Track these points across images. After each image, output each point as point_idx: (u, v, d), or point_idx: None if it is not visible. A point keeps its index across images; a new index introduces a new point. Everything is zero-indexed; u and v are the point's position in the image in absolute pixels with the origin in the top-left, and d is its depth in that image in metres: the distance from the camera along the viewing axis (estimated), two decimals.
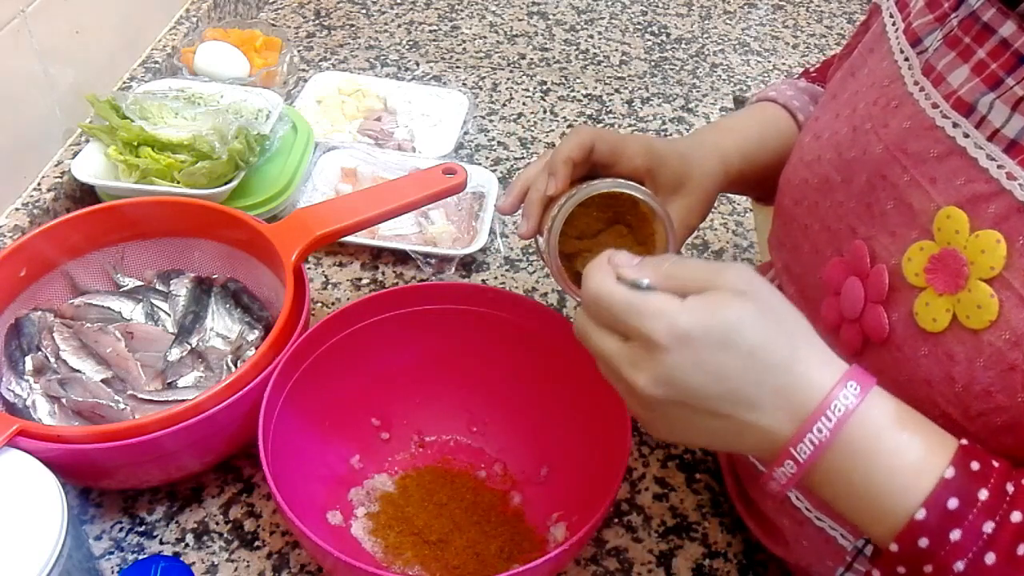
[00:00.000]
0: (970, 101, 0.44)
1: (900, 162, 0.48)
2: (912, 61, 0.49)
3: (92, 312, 0.74)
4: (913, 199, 0.46)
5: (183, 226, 0.78)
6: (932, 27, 0.48)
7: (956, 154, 0.44)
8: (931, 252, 0.45)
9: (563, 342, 0.67)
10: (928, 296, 0.45)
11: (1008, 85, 0.42)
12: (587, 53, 1.27)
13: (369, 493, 0.69)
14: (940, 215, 0.44)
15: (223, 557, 0.65)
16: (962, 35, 0.45)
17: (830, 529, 0.56)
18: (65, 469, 0.58)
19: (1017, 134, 0.42)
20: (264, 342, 0.64)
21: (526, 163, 1.05)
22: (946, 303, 0.44)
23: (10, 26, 0.82)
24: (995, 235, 0.42)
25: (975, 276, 0.42)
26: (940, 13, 0.48)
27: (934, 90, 0.46)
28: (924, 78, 0.47)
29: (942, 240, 0.44)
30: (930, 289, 0.45)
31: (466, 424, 0.74)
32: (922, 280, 0.45)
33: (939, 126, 0.45)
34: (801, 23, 1.41)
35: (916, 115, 0.47)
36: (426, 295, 0.70)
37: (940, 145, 0.45)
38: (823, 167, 0.54)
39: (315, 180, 0.96)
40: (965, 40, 0.45)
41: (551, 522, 0.66)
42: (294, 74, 1.15)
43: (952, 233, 0.44)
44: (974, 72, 0.44)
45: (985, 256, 0.42)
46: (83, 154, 0.87)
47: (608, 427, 0.62)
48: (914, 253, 0.46)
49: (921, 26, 0.49)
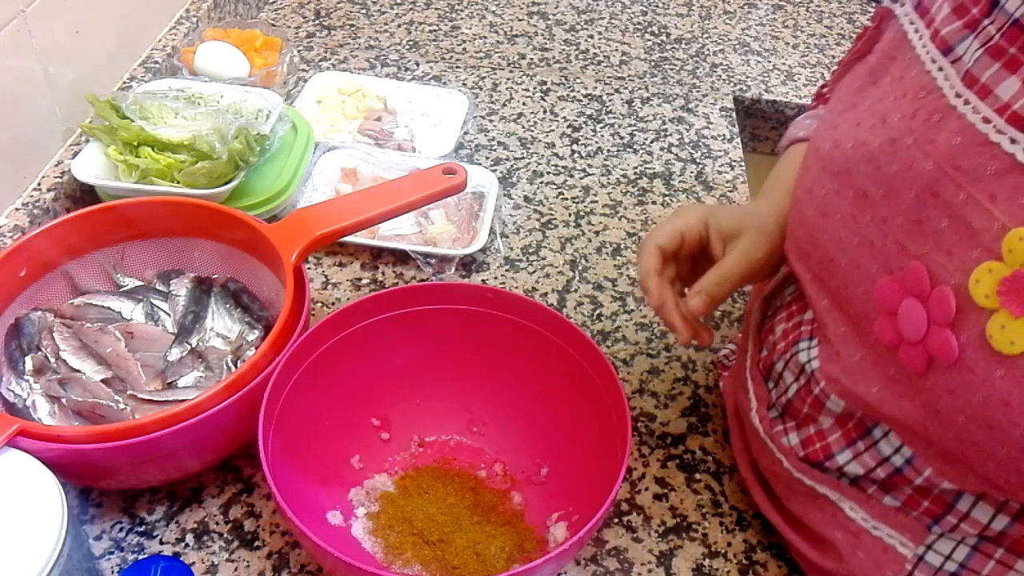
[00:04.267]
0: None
1: (953, 179, 0.46)
2: (948, 71, 0.47)
3: (92, 312, 0.74)
4: (972, 217, 0.45)
5: (183, 226, 0.78)
6: (963, 34, 0.47)
7: (1017, 171, 0.43)
8: (1002, 274, 0.43)
9: (563, 342, 0.68)
10: (1003, 318, 0.43)
11: None
12: (587, 53, 1.27)
13: (369, 493, 0.69)
14: (1012, 236, 0.43)
15: (223, 557, 0.65)
16: (1007, 45, 0.44)
17: (888, 538, 0.56)
18: (65, 469, 0.58)
19: None
20: (264, 342, 0.64)
21: (526, 163, 1.05)
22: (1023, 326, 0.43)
23: (10, 26, 0.82)
24: None
25: None
26: (970, 19, 0.47)
27: (982, 103, 0.45)
28: (967, 90, 0.46)
29: (1014, 262, 0.43)
30: (1004, 311, 0.43)
31: (466, 424, 0.74)
32: (994, 302, 0.44)
33: (994, 142, 0.44)
34: (801, 23, 1.41)
35: (965, 130, 0.45)
36: (426, 295, 0.70)
37: (997, 161, 0.44)
38: (857, 180, 0.52)
39: (315, 180, 0.96)
40: (1011, 50, 0.44)
41: (551, 522, 0.66)
42: (294, 74, 1.15)
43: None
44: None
45: None
46: (83, 154, 0.87)
47: (608, 427, 0.62)
48: (982, 275, 0.44)
49: (950, 33, 0.48)
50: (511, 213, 0.98)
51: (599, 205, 1.00)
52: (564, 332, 0.67)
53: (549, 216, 0.98)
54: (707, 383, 0.81)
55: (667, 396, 0.79)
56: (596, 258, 0.93)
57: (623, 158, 1.08)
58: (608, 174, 1.05)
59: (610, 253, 0.94)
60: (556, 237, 0.96)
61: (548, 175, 1.04)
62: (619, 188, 1.03)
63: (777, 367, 0.66)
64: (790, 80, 1.27)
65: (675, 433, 0.76)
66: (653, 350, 0.83)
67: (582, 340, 0.66)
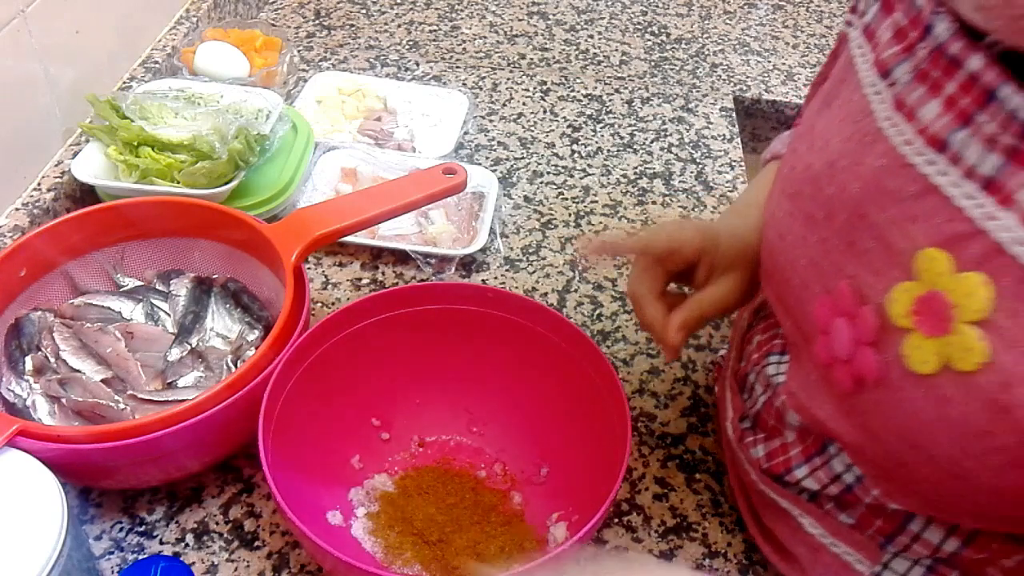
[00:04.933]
0: (944, 137, 0.43)
1: (877, 201, 0.46)
2: (884, 94, 0.47)
3: (92, 312, 0.74)
4: (893, 238, 0.45)
5: (183, 226, 0.78)
6: (901, 58, 0.47)
7: (933, 192, 0.43)
8: (916, 294, 0.44)
9: (563, 342, 0.68)
10: (916, 339, 0.44)
11: (979, 122, 0.41)
12: (587, 53, 1.27)
13: (369, 493, 0.69)
14: (922, 256, 0.43)
15: (223, 557, 0.65)
16: (930, 69, 0.44)
17: (845, 555, 0.56)
18: (65, 469, 0.58)
19: (993, 172, 0.40)
20: (264, 342, 0.64)
21: (526, 163, 1.05)
22: (935, 346, 0.43)
23: (10, 26, 0.82)
24: (979, 276, 0.40)
25: (962, 319, 0.41)
26: (907, 43, 0.47)
27: (907, 125, 0.45)
28: (896, 113, 0.46)
29: (926, 282, 0.43)
30: (918, 332, 0.44)
31: (466, 424, 0.74)
32: (909, 322, 0.44)
33: (912, 163, 0.44)
34: (801, 23, 1.41)
35: (889, 152, 0.46)
36: (426, 295, 0.70)
37: (916, 183, 0.44)
38: (804, 202, 0.53)
39: (315, 180, 0.96)
40: (934, 74, 0.44)
41: (551, 522, 0.66)
42: (294, 74, 1.15)
43: (936, 275, 0.43)
44: (945, 107, 0.43)
45: (971, 299, 0.41)
46: (83, 154, 0.87)
47: (608, 427, 0.62)
48: (898, 295, 0.45)
49: (890, 57, 0.48)
50: (511, 213, 0.98)
51: (599, 205, 1.00)
52: (564, 332, 0.67)
53: (549, 216, 0.98)
54: (707, 383, 0.81)
55: (667, 396, 0.79)
56: (596, 258, 0.93)
57: (623, 158, 1.08)
58: (608, 174, 1.05)
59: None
60: (556, 237, 0.96)
61: (548, 175, 1.04)
62: (619, 188, 1.03)
63: (750, 378, 0.67)
64: (790, 80, 1.27)
65: (675, 433, 0.76)
66: (653, 350, 0.83)
67: (582, 340, 0.66)
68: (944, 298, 0.42)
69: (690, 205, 1.02)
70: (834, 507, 0.57)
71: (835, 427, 0.52)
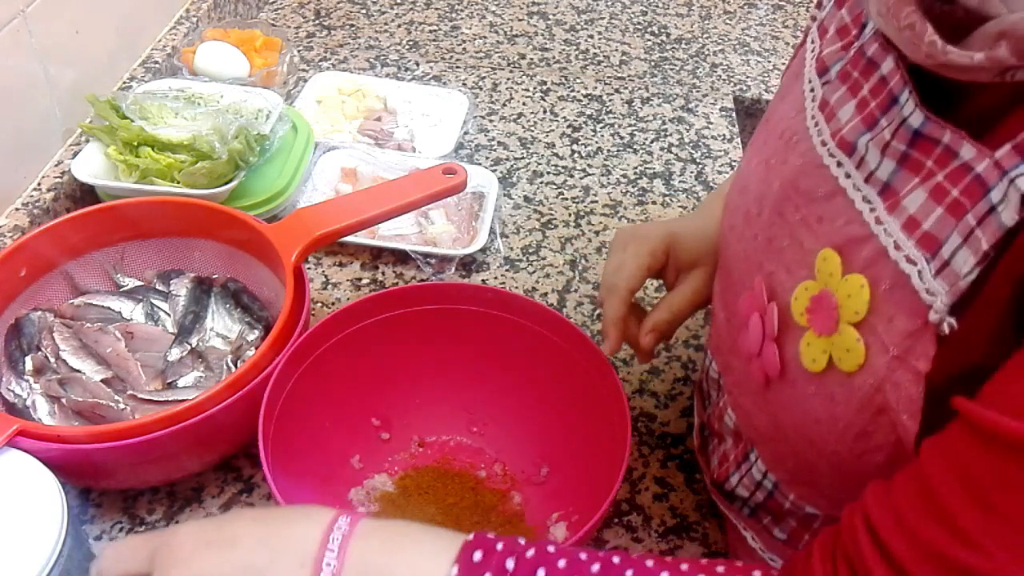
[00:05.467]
0: (851, 140, 0.43)
1: (793, 200, 0.47)
2: (817, 92, 0.48)
3: (92, 312, 0.74)
4: (804, 238, 0.46)
5: (183, 226, 0.78)
6: (839, 56, 0.47)
7: (839, 194, 0.44)
8: (812, 293, 0.45)
9: (563, 342, 0.68)
10: (809, 337, 0.45)
11: (881, 126, 0.41)
12: (587, 53, 1.27)
13: (369, 493, 0.69)
14: (820, 256, 0.44)
15: None
16: (852, 69, 0.44)
17: None
18: (65, 469, 0.58)
19: (888, 177, 0.41)
20: (264, 342, 0.64)
21: (526, 163, 1.05)
22: (823, 344, 0.44)
23: (10, 26, 0.82)
24: (860, 279, 0.41)
25: (844, 320, 0.42)
26: (847, 42, 0.47)
27: (826, 126, 0.46)
28: (820, 113, 0.46)
29: (821, 282, 0.44)
30: (811, 330, 0.45)
31: (466, 424, 0.73)
32: (804, 320, 0.45)
33: (826, 164, 0.45)
34: (801, 23, 1.41)
35: (808, 152, 0.47)
36: (426, 295, 0.70)
37: (826, 184, 0.45)
38: (746, 197, 0.54)
39: (315, 180, 0.96)
40: (854, 74, 0.44)
41: (551, 522, 0.66)
42: (294, 74, 1.15)
43: (827, 275, 0.43)
44: (858, 110, 0.43)
45: (852, 300, 0.42)
46: (83, 154, 0.87)
47: (608, 427, 0.62)
48: (800, 293, 0.46)
49: (830, 55, 0.48)
50: (511, 213, 0.98)
51: (599, 205, 1.00)
52: (564, 332, 0.67)
53: (549, 216, 0.98)
54: None
55: (667, 396, 0.79)
56: (596, 258, 0.93)
57: (623, 158, 1.08)
58: (608, 174, 1.05)
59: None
60: (556, 237, 0.96)
61: (548, 175, 1.04)
62: (619, 188, 1.03)
63: (704, 385, 0.67)
64: None
65: (675, 433, 0.76)
66: None
67: (582, 340, 0.66)
68: (832, 298, 0.43)
69: (690, 205, 1.02)
70: (771, 521, 0.58)
71: (756, 423, 0.53)
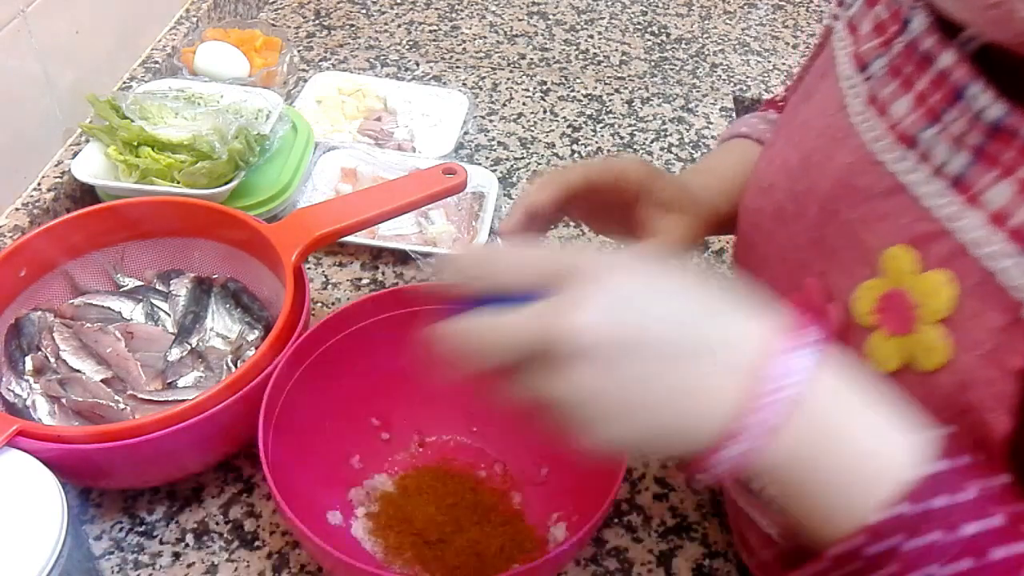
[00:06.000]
0: (913, 135, 0.42)
1: (848, 198, 0.46)
2: (859, 89, 0.47)
3: (92, 312, 0.74)
4: (862, 236, 0.45)
5: (183, 226, 0.78)
6: (879, 52, 0.46)
7: (901, 191, 0.43)
8: (879, 292, 0.44)
9: None
10: (879, 337, 0.44)
11: (947, 120, 0.40)
12: (587, 53, 1.27)
13: (369, 493, 0.69)
14: (887, 254, 0.43)
15: (223, 557, 0.65)
16: (903, 64, 0.44)
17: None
18: (65, 469, 0.58)
19: (960, 171, 0.40)
20: (264, 342, 0.64)
21: (526, 163, 1.05)
22: (896, 344, 0.42)
23: (10, 26, 0.82)
24: (944, 276, 0.40)
25: (924, 319, 0.41)
26: (886, 37, 0.46)
27: (878, 121, 0.45)
28: (868, 108, 0.46)
29: (890, 280, 0.43)
30: (880, 330, 0.43)
31: (466, 424, 0.73)
32: (872, 320, 0.44)
33: (881, 161, 0.44)
34: (801, 23, 1.41)
35: (860, 148, 0.46)
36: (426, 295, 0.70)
37: (885, 181, 0.44)
38: (777, 195, 0.53)
39: (315, 180, 0.96)
40: (906, 69, 0.44)
41: (551, 522, 0.66)
42: (294, 74, 1.15)
43: (899, 273, 0.42)
44: (916, 104, 0.42)
45: (932, 297, 0.40)
46: (83, 154, 0.87)
47: None
48: (863, 292, 0.45)
49: (868, 51, 0.47)
50: None
51: None
52: None
53: None
54: None
55: None
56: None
57: None
58: None
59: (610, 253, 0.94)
60: (556, 237, 0.95)
61: None
62: None
63: None
64: (790, 80, 1.26)
65: None
66: None
67: None
68: (907, 297, 0.42)
69: None
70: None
71: None
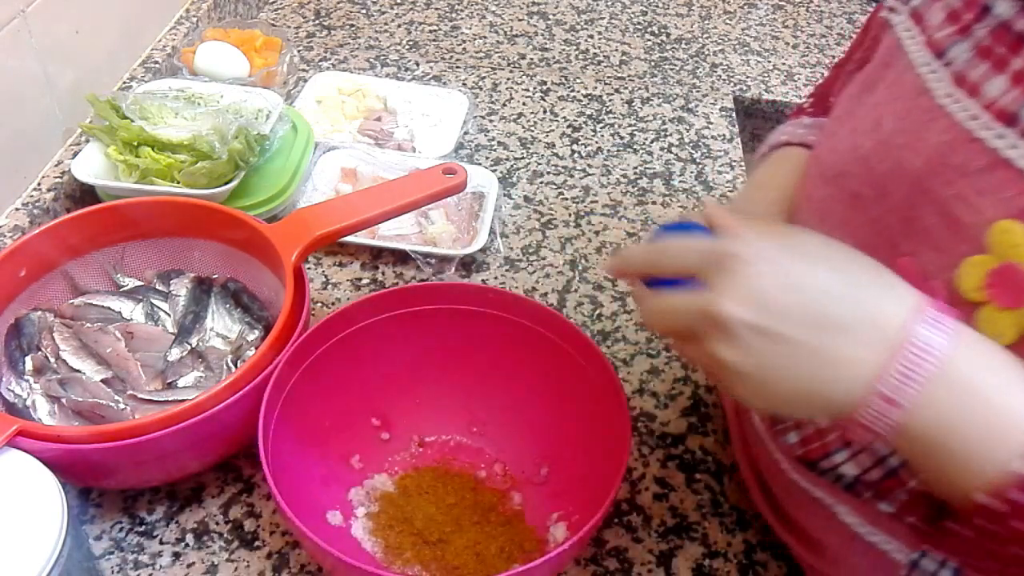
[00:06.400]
0: (1014, 111, 0.43)
1: (942, 176, 0.47)
2: (940, 73, 0.49)
3: (92, 312, 0.74)
4: (961, 213, 0.46)
5: (183, 226, 0.78)
6: (955, 39, 0.48)
7: (1002, 165, 0.44)
8: (988, 267, 0.44)
9: (563, 342, 0.68)
10: (990, 311, 0.44)
11: None
12: (587, 53, 1.27)
13: (369, 493, 0.69)
14: (995, 229, 0.44)
15: (223, 557, 0.65)
16: (994, 45, 0.45)
17: (884, 543, 0.55)
18: (65, 469, 0.58)
19: None
20: (264, 342, 0.64)
21: (526, 163, 1.05)
22: (1011, 317, 0.43)
23: (10, 26, 0.82)
24: None
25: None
26: (962, 25, 0.48)
27: (970, 101, 0.46)
28: (958, 89, 0.47)
29: (999, 255, 0.44)
30: (992, 304, 0.44)
31: (466, 424, 0.73)
32: (982, 295, 0.44)
33: (980, 138, 0.45)
34: (801, 23, 1.41)
35: (954, 127, 0.47)
36: (426, 295, 0.70)
37: (984, 157, 0.45)
38: (851, 182, 0.53)
39: (315, 180, 0.96)
40: (999, 50, 0.45)
41: (551, 522, 0.66)
42: (294, 74, 1.15)
43: (1010, 247, 0.43)
44: (1013, 82, 0.44)
45: None
46: (83, 154, 0.87)
47: (608, 427, 0.62)
48: (969, 268, 0.45)
49: (943, 38, 0.49)
50: (511, 213, 0.98)
51: (599, 205, 1.00)
52: (564, 332, 0.67)
53: (549, 216, 0.98)
54: (707, 383, 0.81)
55: (667, 396, 0.79)
56: (596, 258, 0.93)
57: (623, 158, 1.08)
58: (608, 174, 1.05)
59: (610, 253, 0.94)
60: (556, 237, 0.96)
61: (548, 175, 1.04)
62: (619, 188, 1.03)
63: None
64: (790, 80, 1.27)
65: (675, 433, 0.76)
66: (653, 350, 0.83)
67: (582, 340, 0.66)
68: (1019, 269, 0.43)
69: (690, 205, 1.02)
70: (872, 496, 0.57)
71: None
